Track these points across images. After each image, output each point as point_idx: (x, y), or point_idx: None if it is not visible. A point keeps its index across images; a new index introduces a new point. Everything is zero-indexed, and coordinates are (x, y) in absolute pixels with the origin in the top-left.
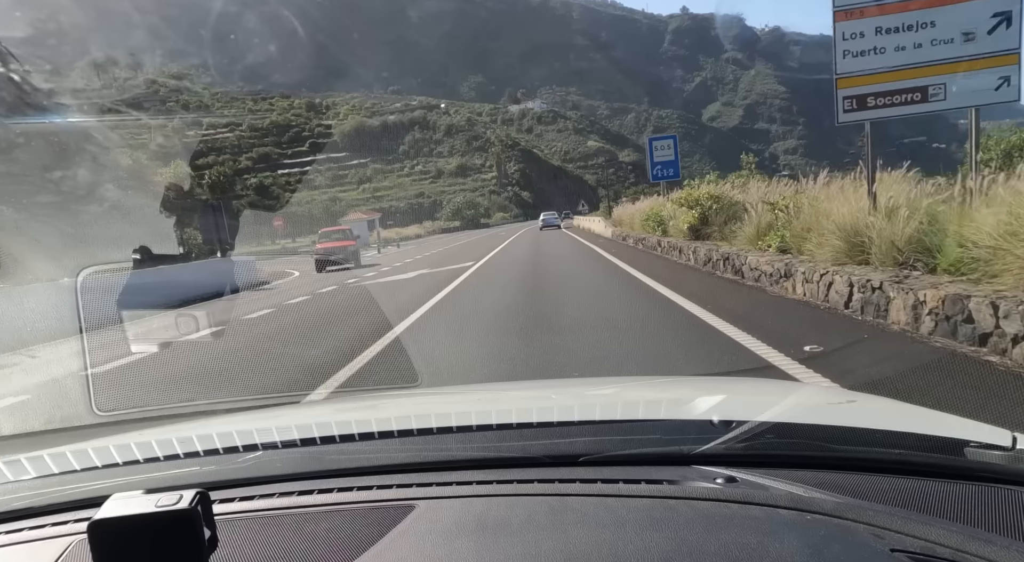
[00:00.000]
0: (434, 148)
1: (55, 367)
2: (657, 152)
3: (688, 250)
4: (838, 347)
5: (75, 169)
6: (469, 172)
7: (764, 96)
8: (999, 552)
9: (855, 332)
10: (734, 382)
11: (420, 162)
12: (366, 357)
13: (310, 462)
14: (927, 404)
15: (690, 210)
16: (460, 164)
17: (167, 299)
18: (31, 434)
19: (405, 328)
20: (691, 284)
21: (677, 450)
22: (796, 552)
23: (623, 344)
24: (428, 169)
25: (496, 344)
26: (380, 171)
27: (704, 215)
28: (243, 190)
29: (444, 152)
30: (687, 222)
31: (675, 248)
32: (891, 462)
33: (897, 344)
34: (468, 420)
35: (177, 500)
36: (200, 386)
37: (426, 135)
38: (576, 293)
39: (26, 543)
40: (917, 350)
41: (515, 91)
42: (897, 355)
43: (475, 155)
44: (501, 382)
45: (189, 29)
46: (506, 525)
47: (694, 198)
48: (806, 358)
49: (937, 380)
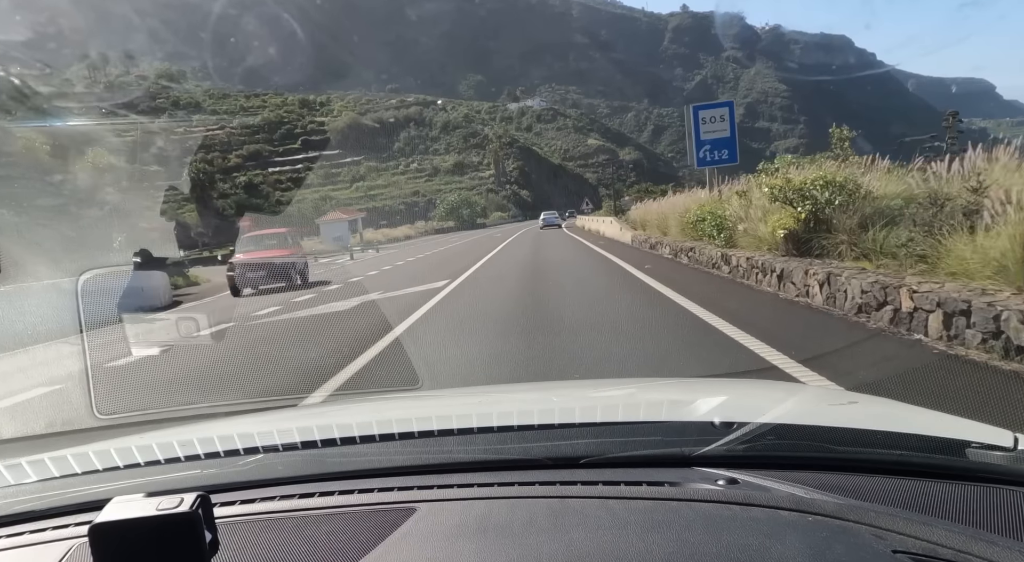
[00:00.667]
0: (430, 145)
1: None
2: (705, 127)
3: (800, 275)
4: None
5: (59, 171)
6: (466, 170)
7: (765, 94)
8: (1001, 553)
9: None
10: (735, 384)
11: (416, 160)
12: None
13: (311, 465)
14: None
15: (791, 207)
16: (457, 162)
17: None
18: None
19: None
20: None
21: (678, 452)
22: (798, 553)
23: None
24: (424, 167)
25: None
26: (374, 169)
27: (815, 215)
28: (232, 189)
29: (440, 150)
30: (781, 226)
31: (764, 269)
32: (893, 463)
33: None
34: (469, 422)
35: (178, 503)
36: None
37: (422, 132)
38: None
39: (27, 547)
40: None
41: (514, 89)
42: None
43: (472, 152)
44: (502, 384)
45: (187, 31)
46: (507, 527)
47: (796, 187)
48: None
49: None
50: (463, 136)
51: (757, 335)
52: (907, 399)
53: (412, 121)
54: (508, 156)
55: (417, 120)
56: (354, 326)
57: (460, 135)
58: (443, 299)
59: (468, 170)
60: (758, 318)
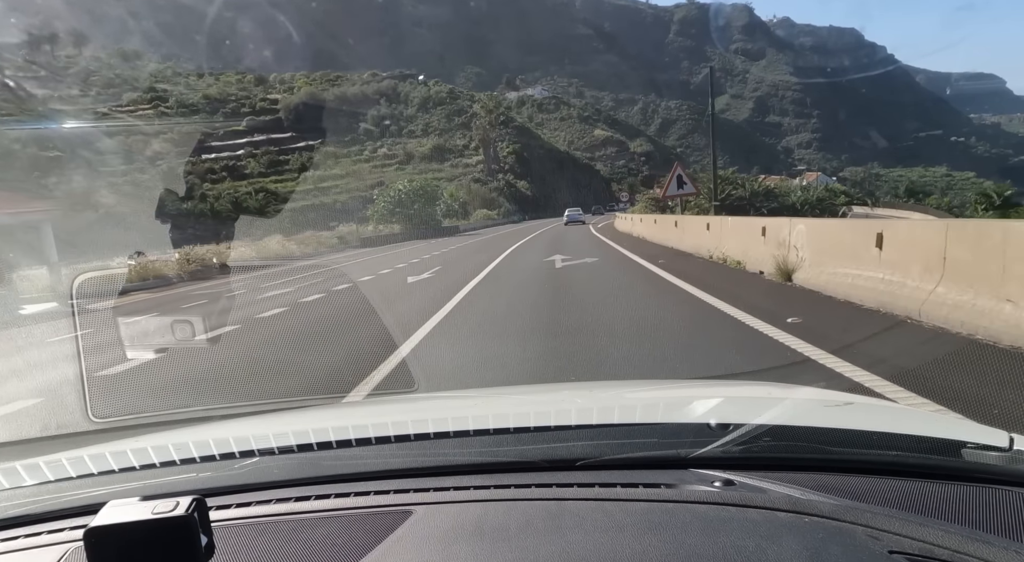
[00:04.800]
0: (405, 126)
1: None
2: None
3: None
4: None
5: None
6: (448, 155)
7: (775, 88)
8: (997, 553)
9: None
10: (731, 385)
11: (385, 143)
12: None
13: (307, 468)
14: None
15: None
16: (437, 145)
17: None
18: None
19: None
20: None
21: (675, 454)
22: (795, 555)
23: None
24: (395, 153)
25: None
26: (332, 155)
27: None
28: (151, 180)
29: (417, 131)
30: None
31: None
32: (889, 464)
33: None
34: (465, 425)
35: (174, 507)
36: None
37: (396, 110)
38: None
39: (22, 551)
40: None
41: (513, 77)
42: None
43: (457, 134)
44: (498, 386)
45: (182, 31)
46: (504, 530)
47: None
48: None
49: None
50: (446, 114)
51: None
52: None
53: (384, 96)
54: (502, 138)
55: (390, 96)
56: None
57: (443, 113)
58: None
59: (451, 155)
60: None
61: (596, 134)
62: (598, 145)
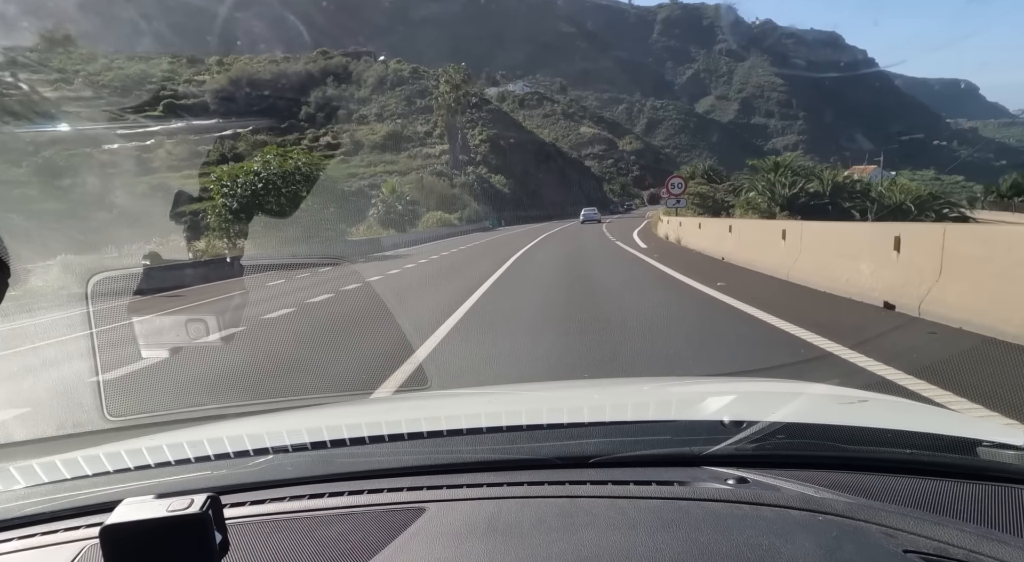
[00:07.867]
0: (356, 110)
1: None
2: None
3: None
4: None
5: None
6: (405, 144)
7: (760, 89)
8: (1013, 553)
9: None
10: (744, 382)
11: (328, 131)
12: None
13: (320, 465)
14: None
15: None
16: (391, 132)
17: None
18: (43, 440)
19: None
20: None
21: (688, 451)
22: (808, 553)
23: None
24: (340, 141)
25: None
26: (260, 144)
27: None
28: (28, 176)
29: (370, 116)
30: None
31: None
32: (903, 462)
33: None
34: (478, 422)
35: (188, 505)
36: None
37: (345, 92)
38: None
39: (38, 549)
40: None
41: (493, 72)
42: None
43: (418, 120)
44: (511, 384)
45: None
46: (517, 527)
47: None
48: None
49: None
50: (407, 97)
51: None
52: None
53: (331, 76)
54: (474, 123)
55: (340, 75)
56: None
57: (402, 95)
58: None
59: (409, 144)
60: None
61: (583, 132)
62: (585, 143)
